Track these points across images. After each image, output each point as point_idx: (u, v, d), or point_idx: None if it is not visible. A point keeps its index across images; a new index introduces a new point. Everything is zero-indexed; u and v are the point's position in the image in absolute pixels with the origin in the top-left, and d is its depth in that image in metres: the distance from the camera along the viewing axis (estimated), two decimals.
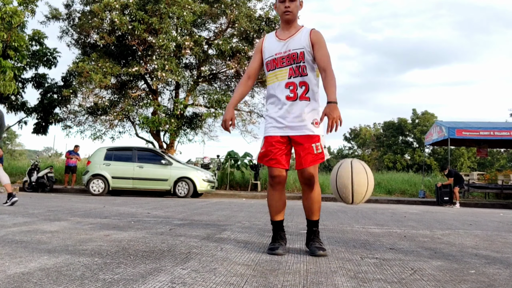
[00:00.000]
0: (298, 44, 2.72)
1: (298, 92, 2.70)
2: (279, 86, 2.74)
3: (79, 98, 15.65)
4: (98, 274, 2.02)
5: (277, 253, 2.69)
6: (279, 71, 2.75)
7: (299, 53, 2.70)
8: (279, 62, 2.75)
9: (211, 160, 16.58)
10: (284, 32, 2.79)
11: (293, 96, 2.70)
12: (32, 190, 13.01)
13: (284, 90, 2.72)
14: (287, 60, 2.72)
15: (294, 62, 2.71)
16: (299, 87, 2.70)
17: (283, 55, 2.73)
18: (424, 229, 4.70)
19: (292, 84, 2.71)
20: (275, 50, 2.77)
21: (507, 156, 37.55)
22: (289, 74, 2.72)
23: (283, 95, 2.72)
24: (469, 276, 2.28)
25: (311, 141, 2.68)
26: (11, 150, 48.53)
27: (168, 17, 14.20)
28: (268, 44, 2.83)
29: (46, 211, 5.52)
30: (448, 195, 12.43)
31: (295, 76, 2.71)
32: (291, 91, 2.71)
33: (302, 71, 2.71)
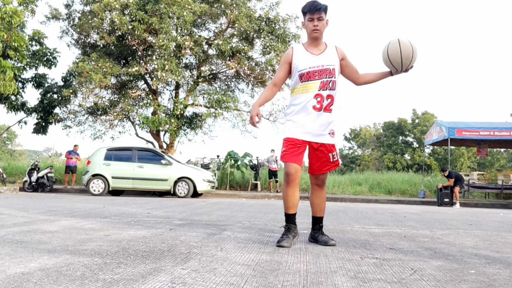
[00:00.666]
0: (330, 60, 3.07)
1: (323, 104, 3.03)
2: (308, 96, 3.03)
3: (79, 98, 15.65)
4: (98, 274, 2.02)
5: (282, 245, 2.99)
6: (312, 83, 3.03)
7: (331, 69, 3.04)
8: (312, 75, 3.03)
9: (211, 160, 16.58)
10: (314, 48, 3.10)
11: (319, 107, 3.03)
12: (32, 190, 13.01)
13: (312, 101, 3.02)
14: (319, 74, 3.03)
15: (326, 76, 3.03)
16: (326, 99, 3.03)
17: (316, 69, 3.03)
18: (424, 229, 4.70)
19: (320, 96, 3.02)
20: (310, 63, 3.04)
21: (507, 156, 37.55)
22: (320, 87, 3.02)
23: (310, 104, 3.02)
24: (469, 276, 2.28)
25: (328, 150, 3.10)
26: (11, 150, 48.54)
27: (168, 17, 14.20)
28: (300, 56, 3.08)
29: (46, 211, 5.52)
30: (449, 196, 12.42)
31: (324, 89, 3.02)
32: (318, 102, 3.02)
33: (332, 85, 3.05)
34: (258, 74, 15.77)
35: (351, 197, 13.91)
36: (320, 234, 3.25)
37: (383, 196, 15.60)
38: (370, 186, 17.27)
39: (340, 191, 16.95)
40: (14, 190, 12.27)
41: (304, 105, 3.04)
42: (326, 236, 3.24)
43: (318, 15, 3.04)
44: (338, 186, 17.41)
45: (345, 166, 41.22)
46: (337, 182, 17.79)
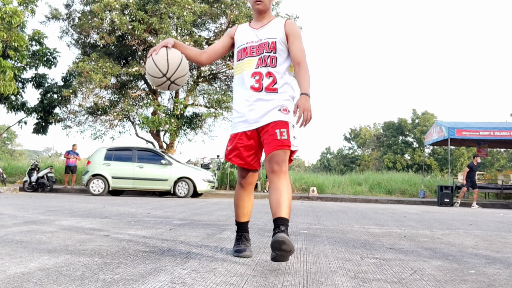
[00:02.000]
0: (270, 33, 2.56)
1: (263, 83, 2.49)
2: (245, 76, 2.54)
3: (79, 98, 15.66)
4: (98, 274, 2.02)
5: (245, 255, 2.59)
6: (248, 61, 2.55)
7: (270, 43, 2.53)
8: (249, 51, 2.57)
9: (211, 160, 16.58)
10: (257, 22, 2.65)
11: (258, 86, 2.50)
12: (32, 190, 13.01)
13: (249, 80, 2.52)
14: (257, 50, 2.55)
15: (264, 51, 2.52)
16: (266, 78, 2.50)
17: (254, 44, 2.57)
18: (424, 229, 4.70)
19: (258, 74, 2.51)
20: (247, 38, 2.60)
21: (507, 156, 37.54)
22: (257, 64, 2.53)
23: (247, 85, 2.52)
24: (469, 276, 2.28)
25: (275, 127, 2.44)
26: (11, 150, 48.53)
27: (168, 17, 14.21)
28: (240, 32, 2.67)
29: (46, 211, 5.52)
30: (449, 196, 12.42)
31: (262, 66, 2.51)
32: (256, 81, 2.51)
33: (271, 61, 2.52)
34: None
35: (351, 197, 13.91)
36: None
37: (383, 196, 15.60)
38: (370, 186, 17.27)
39: (340, 191, 16.95)
40: (14, 190, 12.27)
41: (242, 88, 2.55)
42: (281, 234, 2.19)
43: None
44: (338, 186, 17.40)
45: (345, 166, 41.23)
46: (337, 182, 17.79)
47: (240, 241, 2.69)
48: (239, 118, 2.57)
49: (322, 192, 16.36)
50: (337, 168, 39.78)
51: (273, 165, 2.40)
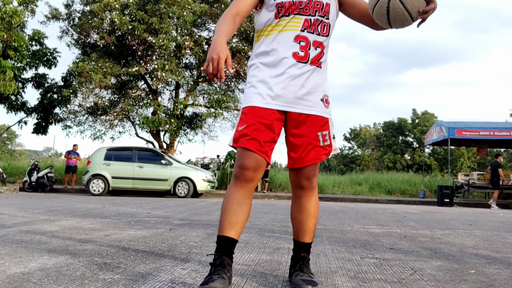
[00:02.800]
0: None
1: (310, 53, 1.87)
2: (285, 38, 1.87)
3: (79, 98, 15.67)
4: (98, 274, 2.02)
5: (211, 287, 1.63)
6: (293, 19, 1.87)
7: (324, 4, 1.89)
8: (296, 7, 1.86)
9: (211, 160, 16.57)
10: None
11: (303, 55, 1.86)
12: (32, 190, 13.01)
13: (292, 45, 1.86)
14: (305, 8, 1.87)
15: (315, 13, 1.88)
16: (313, 48, 1.88)
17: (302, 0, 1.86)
18: (424, 229, 4.70)
19: (304, 40, 1.87)
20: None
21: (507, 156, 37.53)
22: (303, 25, 1.87)
23: (289, 51, 1.86)
24: (469, 276, 2.28)
25: (317, 127, 1.89)
26: (11, 150, 48.53)
27: (168, 17, 14.20)
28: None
29: (46, 211, 5.52)
30: (449, 196, 12.41)
31: (309, 31, 1.88)
32: (301, 48, 1.86)
33: (322, 29, 1.90)
34: None
35: (351, 197, 13.91)
36: (297, 271, 1.94)
37: (383, 196, 15.60)
38: (370, 186, 17.27)
39: (340, 191, 16.95)
40: (14, 190, 12.27)
41: (279, 52, 1.87)
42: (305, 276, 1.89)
43: None
44: (338, 186, 17.40)
45: (345, 166, 41.22)
46: (337, 182, 17.79)
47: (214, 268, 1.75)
48: (266, 90, 1.86)
49: (322, 192, 16.35)
50: (337, 168, 39.77)
51: (302, 179, 1.91)
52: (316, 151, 1.89)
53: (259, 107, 1.84)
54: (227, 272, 1.74)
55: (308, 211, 1.96)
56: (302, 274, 1.91)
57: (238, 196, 1.83)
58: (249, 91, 1.91)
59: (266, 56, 1.90)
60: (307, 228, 1.97)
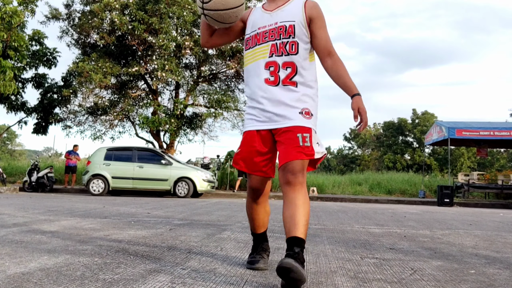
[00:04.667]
0: (288, 15, 2.12)
1: (280, 75, 2.08)
2: (257, 67, 2.13)
3: (79, 98, 15.67)
4: (98, 274, 2.02)
5: (257, 268, 2.23)
6: (259, 48, 2.12)
7: (287, 26, 2.08)
8: (262, 37, 2.13)
9: (211, 160, 16.58)
10: (271, 4, 2.20)
11: (273, 80, 2.08)
12: (32, 190, 13.01)
13: (262, 72, 2.10)
14: (270, 35, 2.11)
15: (280, 37, 2.08)
16: (282, 69, 2.08)
17: (267, 29, 2.12)
18: (424, 229, 4.70)
19: (273, 64, 2.08)
20: (259, 23, 2.17)
21: (507, 156, 37.54)
22: (270, 51, 2.09)
23: (261, 78, 2.10)
24: (469, 276, 2.28)
25: (297, 131, 2.04)
26: (11, 150, 48.54)
27: (168, 17, 14.20)
28: (253, 16, 2.23)
29: (46, 211, 5.52)
30: (449, 196, 12.41)
31: (278, 55, 2.08)
32: (271, 74, 2.09)
33: (290, 48, 2.08)
34: None
35: (351, 197, 13.91)
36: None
37: (383, 196, 15.60)
38: (370, 186, 17.27)
39: (340, 191, 16.95)
40: (14, 190, 12.27)
41: (254, 80, 2.13)
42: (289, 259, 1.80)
43: None
44: (338, 186, 17.40)
45: (345, 166, 41.23)
46: (337, 182, 17.79)
47: (255, 250, 2.35)
48: (252, 115, 2.16)
49: (322, 192, 16.36)
50: (337, 168, 39.78)
51: (287, 175, 2.02)
52: (296, 150, 2.02)
53: (249, 131, 2.15)
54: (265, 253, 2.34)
55: (295, 204, 1.98)
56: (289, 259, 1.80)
57: (258, 207, 2.27)
58: (245, 117, 2.25)
59: (248, 85, 2.21)
60: (297, 220, 1.94)
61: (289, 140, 2.04)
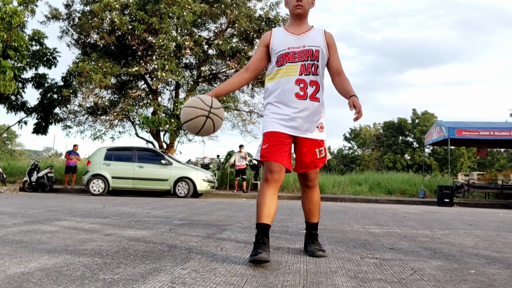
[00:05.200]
0: (314, 41, 2.60)
1: (308, 91, 2.56)
2: (288, 82, 2.55)
3: (79, 98, 15.66)
4: (98, 274, 2.02)
5: (261, 258, 2.29)
6: (291, 66, 2.56)
7: (314, 50, 2.57)
8: (292, 56, 2.57)
9: (211, 160, 16.58)
10: (296, 28, 2.65)
11: (303, 94, 2.55)
12: (32, 190, 13.01)
13: (294, 87, 2.55)
14: (300, 56, 2.56)
15: (308, 59, 2.56)
16: (309, 86, 2.56)
17: (296, 50, 2.57)
18: (424, 229, 4.70)
19: (302, 82, 2.55)
20: (288, 43, 2.60)
21: (507, 156, 37.54)
22: (300, 70, 2.55)
23: (292, 92, 2.55)
24: (469, 276, 2.28)
25: (315, 146, 2.62)
26: (11, 150, 48.54)
27: (168, 17, 14.20)
28: (278, 37, 2.65)
29: (46, 211, 5.52)
30: (449, 196, 12.41)
31: (306, 74, 2.55)
32: (301, 89, 2.55)
33: (315, 69, 2.57)
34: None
35: (351, 197, 13.91)
36: (310, 243, 2.79)
37: (383, 196, 15.60)
38: (370, 186, 17.27)
39: (340, 191, 16.95)
40: (14, 190, 12.27)
41: (284, 93, 2.56)
42: (316, 246, 2.74)
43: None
44: (338, 186, 17.40)
45: (345, 166, 41.23)
46: (337, 182, 17.78)
47: (258, 245, 2.43)
48: (280, 121, 2.57)
49: (322, 192, 16.35)
50: (337, 168, 39.78)
51: (307, 181, 2.72)
52: (314, 162, 2.65)
53: (276, 131, 2.57)
54: (267, 247, 2.44)
55: (313, 201, 2.80)
56: (314, 245, 2.76)
57: (269, 193, 2.53)
58: (267, 120, 2.63)
59: (276, 96, 2.60)
60: (314, 212, 2.82)
61: (309, 154, 2.62)
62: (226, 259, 2.51)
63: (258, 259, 2.29)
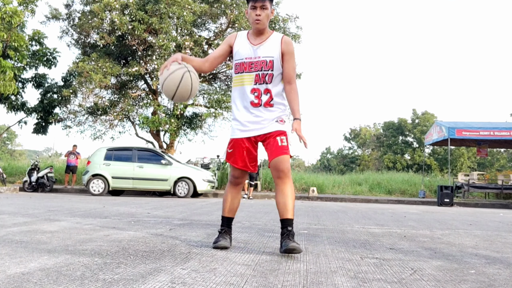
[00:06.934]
0: (268, 51, 2.78)
1: (262, 99, 2.78)
2: (245, 91, 2.80)
3: (79, 98, 15.65)
4: (98, 274, 2.02)
5: (220, 245, 2.81)
6: (246, 75, 2.79)
7: (268, 61, 2.77)
8: (248, 66, 2.79)
9: (211, 160, 16.57)
10: (255, 38, 2.84)
11: (257, 102, 2.78)
12: (32, 190, 13.01)
13: (249, 95, 2.78)
14: (255, 66, 2.78)
15: (262, 69, 2.76)
16: (264, 94, 2.77)
17: (252, 60, 2.79)
18: (424, 229, 4.70)
19: (256, 91, 2.77)
20: (245, 54, 2.81)
21: (507, 156, 37.54)
22: (255, 80, 2.77)
23: (248, 100, 2.79)
24: (469, 276, 2.28)
25: (276, 135, 2.75)
26: (11, 150, 48.54)
27: (168, 17, 14.20)
28: (239, 45, 2.85)
29: (46, 211, 5.52)
30: (449, 196, 12.41)
31: (260, 83, 2.77)
32: (256, 97, 2.78)
33: (269, 79, 2.77)
34: None
35: (351, 197, 13.91)
36: (285, 239, 2.66)
37: (383, 196, 15.60)
38: (370, 186, 17.27)
39: (340, 191, 16.95)
40: (14, 190, 12.27)
41: (242, 101, 2.83)
42: (290, 242, 2.60)
43: (261, 3, 2.73)
44: (338, 186, 17.41)
45: (345, 166, 41.22)
46: (337, 182, 17.79)
47: (220, 234, 2.90)
48: (240, 126, 2.82)
49: (322, 192, 16.36)
50: (337, 168, 39.77)
51: (278, 171, 2.71)
52: (277, 148, 2.72)
53: (237, 138, 2.83)
54: (228, 236, 2.91)
55: (285, 193, 2.72)
56: (289, 241, 2.63)
57: (233, 192, 2.94)
58: (232, 126, 2.91)
59: (236, 103, 2.87)
60: (288, 206, 2.71)
61: (272, 143, 2.74)
62: (226, 259, 2.51)
63: (218, 246, 2.81)
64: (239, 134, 2.83)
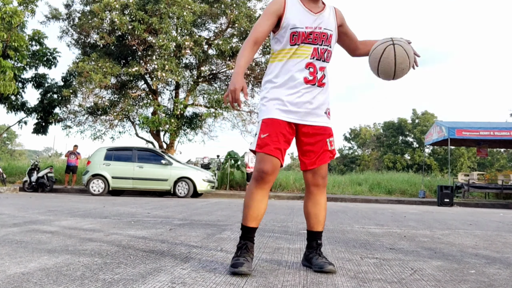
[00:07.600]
0: (328, 24, 2.33)
1: (317, 76, 2.28)
2: (298, 64, 2.26)
3: (79, 98, 15.66)
4: (98, 274, 2.02)
5: (241, 271, 2.08)
6: (305, 47, 2.27)
7: (329, 35, 2.31)
8: (307, 37, 2.26)
9: (211, 160, 16.57)
10: (312, 4, 2.31)
11: (312, 79, 2.27)
12: (32, 190, 13.01)
13: (303, 71, 2.26)
14: (315, 38, 2.27)
15: (322, 43, 2.29)
16: (319, 71, 2.29)
17: (313, 31, 2.27)
18: (424, 229, 4.70)
19: (312, 66, 2.27)
20: (306, 22, 2.27)
21: (507, 156, 37.54)
22: (312, 54, 2.27)
23: (301, 75, 2.25)
24: (469, 276, 2.28)
25: (326, 135, 2.32)
26: (11, 150, 48.55)
27: (168, 17, 14.20)
28: (295, 10, 2.28)
29: (46, 211, 5.52)
30: (449, 196, 12.40)
31: (317, 59, 2.28)
32: (310, 74, 2.27)
33: (327, 56, 2.33)
34: (258, 74, 15.77)
35: (351, 197, 13.91)
36: (316, 255, 2.33)
37: (383, 196, 15.60)
38: (370, 186, 17.27)
39: (340, 191, 16.95)
40: (14, 190, 12.27)
41: (292, 75, 2.26)
42: (323, 259, 2.30)
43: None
44: (338, 186, 17.40)
45: (345, 166, 41.21)
46: (337, 182, 17.79)
47: (240, 251, 2.22)
48: (281, 106, 2.25)
49: None
50: (337, 168, 39.77)
51: (318, 179, 2.34)
52: (325, 154, 2.33)
53: (277, 119, 2.23)
54: (251, 254, 2.22)
55: (321, 204, 2.38)
56: (321, 258, 2.32)
57: (259, 196, 2.25)
58: (268, 104, 2.28)
59: (281, 78, 2.29)
60: (321, 219, 2.38)
61: (321, 145, 2.32)
62: (226, 259, 2.51)
63: (239, 272, 2.08)
64: (279, 114, 2.23)
